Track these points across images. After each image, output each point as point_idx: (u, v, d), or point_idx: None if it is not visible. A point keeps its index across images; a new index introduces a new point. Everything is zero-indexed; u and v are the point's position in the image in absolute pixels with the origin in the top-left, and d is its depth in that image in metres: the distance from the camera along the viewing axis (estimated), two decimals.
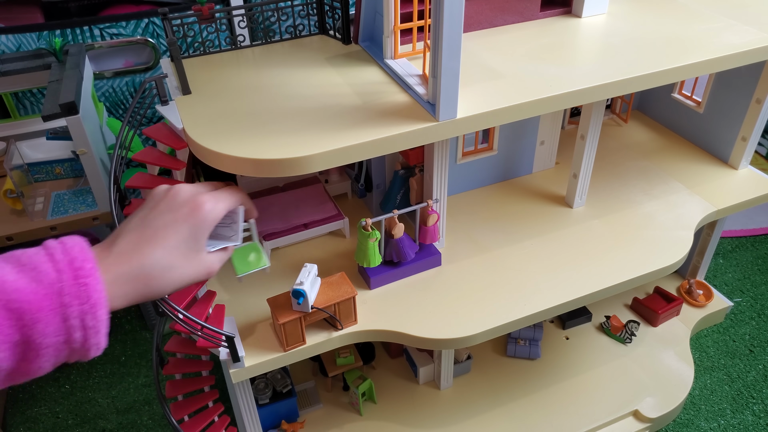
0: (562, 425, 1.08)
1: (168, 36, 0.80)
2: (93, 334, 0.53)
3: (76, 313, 0.52)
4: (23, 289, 0.50)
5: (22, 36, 1.30)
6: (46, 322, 0.51)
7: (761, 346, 1.32)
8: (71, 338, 0.52)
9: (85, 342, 0.53)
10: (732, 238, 1.60)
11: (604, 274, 0.92)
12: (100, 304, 0.53)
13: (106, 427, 1.21)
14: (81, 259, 0.53)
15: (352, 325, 0.84)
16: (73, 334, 0.52)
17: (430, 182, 0.88)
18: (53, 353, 0.52)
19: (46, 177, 1.25)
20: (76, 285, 0.52)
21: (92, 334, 0.53)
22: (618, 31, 0.93)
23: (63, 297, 0.51)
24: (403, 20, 0.82)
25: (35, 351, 0.51)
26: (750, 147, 1.11)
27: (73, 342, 0.52)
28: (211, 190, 0.68)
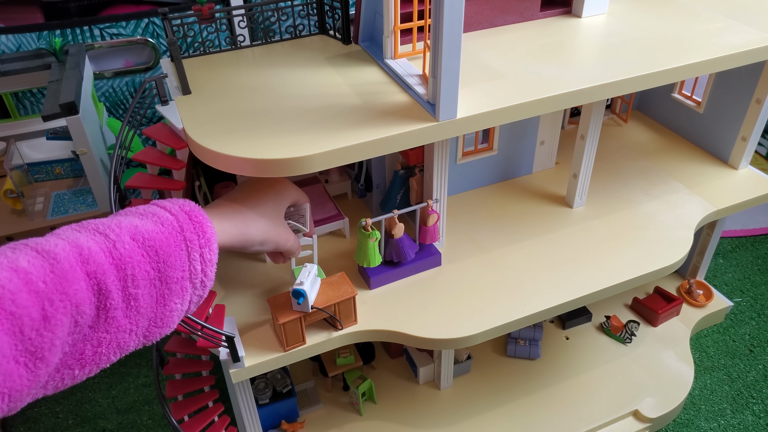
0: (562, 425, 1.08)
1: (168, 36, 0.80)
2: (210, 267, 0.62)
3: (197, 247, 0.61)
4: (152, 230, 0.58)
5: (22, 36, 1.30)
6: (175, 256, 0.59)
7: (761, 346, 1.32)
8: (193, 272, 0.60)
9: (204, 276, 0.62)
10: (732, 238, 1.60)
11: (604, 274, 0.92)
12: (214, 238, 0.62)
13: (106, 427, 1.21)
14: (188, 205, 0.63)
15: (352, 325, 0.84)
16: (195, 267, 0.60)
17: (430, 182, 0.88)
18: (180, 292, 0.60)
19: (46, 177, 1.25)
20: (191, 223, 0.61)
21: (209, 267, 0.62)
22: (618, 31, 0.93)
23: (184, 233, 0.60)
24: (403, 20, 0.82)
25: (168, 287, 0.58)
26: (750, 147, 1.11)
27: (195, 276, 0.61)
28: None
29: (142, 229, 0.57)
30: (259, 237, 0.73)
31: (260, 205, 0.74)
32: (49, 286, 0.49)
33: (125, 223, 0.57)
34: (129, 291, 0.54)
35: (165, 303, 0.58)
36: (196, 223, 0.61)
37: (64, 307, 0.49)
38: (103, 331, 0.54)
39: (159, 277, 0.57)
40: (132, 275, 0.55)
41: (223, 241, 0.67)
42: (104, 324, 0.53)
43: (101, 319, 0.53)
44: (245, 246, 0.71)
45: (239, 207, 0.72)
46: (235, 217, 0.70)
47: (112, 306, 0.53)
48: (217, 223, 0.66)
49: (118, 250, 0.54)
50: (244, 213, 0.72)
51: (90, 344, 0.53)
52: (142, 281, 0.56)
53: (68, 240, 0.53)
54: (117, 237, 0.55)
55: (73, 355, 0.52)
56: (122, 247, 0.55)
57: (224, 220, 0.68)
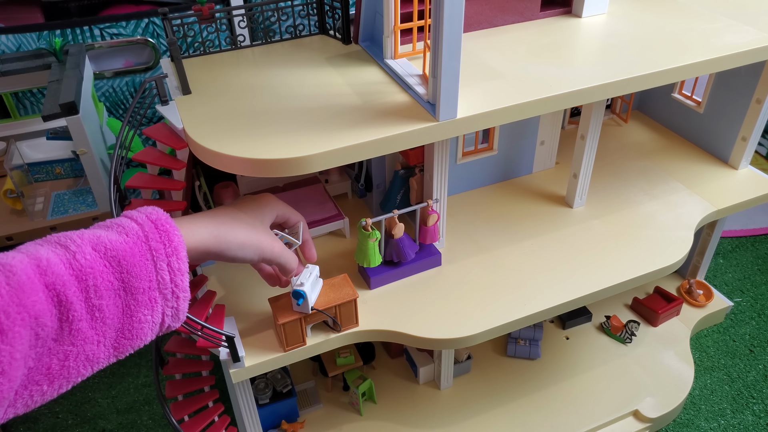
0: (562, 425, 1.08)
1: (168, 36, 0.80)
2: (179, 277, 0.60)
3: (163, 256, 0.59)
4: (115, 240, 0.57)
5: (22, 36, 1.30)
6: (139, 266, 0.57)
7: (761, 346, 1.32)
8: (162, 282, 0.59)
9: (174, 286, 0.60)
10: (732, 238, 1.60)
11: (604, 274, 0.92)
12: (181, 247, 0.61)
13: (106, 427, 1.21)
14: (156, 213, 0.61)
15: (354, 327, 0.84)
16: (163, 278, 0.59)
17: (430, 182, 0.88)
18: (149, 303, 0.58)
19: (46, 177, 1.25)
20: (157, 233, 0.60)
21: (179, 277, 0.60)
22: (618, 31, 0.93)
23: (149, 243, 0.59)
24: (403, 20, 0.82)
25: (134, 298, 0.57)
26: (750, 147, 1.11)
27: (164, 287, 0.59)
28: None
29: (105, 239, 0.56)
30: (236, 240, 0.69)
31: (239, 212, 0.72)
32: (5, 299, 0.48)
33: (88, 234, 0.57)
34: (92, 302, 0.54)
35: (132, 314, 0.57)
36: (162, 231, 0.60)
37: (22, 319, 0.49)
38: (69, 343, 0.53)
39: (123, 287, 0.56)
40: (94, 286, 0.54)
41: (195, 245, 0.65)
42: (69, 336, 0.53)
43: (65, 331, 0.52)
44: (222, 251, 0.68)
45: (214, 214, 0.70)
46: (208, 222, 0.68)
47: (75, 317, 0.53)
48: (187, 229, 0.64)
49: (78, 261, 0.54)
50: (220, 218, 0.69)
51: (56, 358, 0.52)
52: (106, 291, 0.55)
53: (27, 253, 0.52)
54: (77, 248, 0.54)
55: (40, 370, 0.52)
56: (82, 258, 0.54)
57: (196, 225, 0.66)
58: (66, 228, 1.14)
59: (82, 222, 1.15)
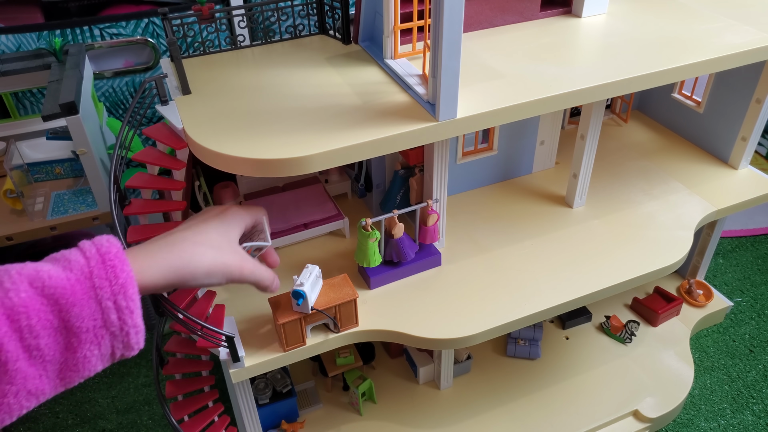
0: (562, 425, 1.08)
1: (168, 36, 0.80)
2: (128, 315, 0.55)
3: (108, 294, 0.54)
4: (56, 276, 0.53)
5: (22, 36, 1.30)
6: (81, 305, 0.53)
7: (761, 346, 1.32)
8: (108, 320, 0.54)
9: (122, 324, 0.55)
10: (732, 238, 1.60)
11: (604, 274, 0.92)
12: (129, 284, 0.55)
13: (106, 427, 1.21)
14: (107, 245, 0.56)
15: (353, 327, 0.84)
16: (109, 316, 0.54)
17: (430, 182, 0.88)
18: (94, 339, 0.54)
19: (46, 177, 1.25)
20: (104, 268, 0.55)
21: (127, 315, 0.55)
22: (618, 31, 0.93)
23: (93, 280, 0.54)
24: (403, 20, 0.82)
25: (76, 336, 0.53)
26: (750, 147, 1.11)
27: (111, 325, 0.55)
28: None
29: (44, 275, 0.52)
30: (200, 269, 0.64)
31: (201, 234, 0.67)
32: None
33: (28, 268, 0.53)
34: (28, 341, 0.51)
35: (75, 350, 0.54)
36: (109, 267, 0.55)
37: None
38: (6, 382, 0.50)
39: (64, 325, 0.53)
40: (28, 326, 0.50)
41: (152, 281, 0.60)
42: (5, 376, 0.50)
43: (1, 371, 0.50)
44: (185, 281, 0.64)
45: (175, 240, 0.65)
46: (167, 253, 0.63)
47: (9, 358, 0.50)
48: (142, 262, 0.60)
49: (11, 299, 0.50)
50: (180, 246, 0.64)
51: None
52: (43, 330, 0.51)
53: None
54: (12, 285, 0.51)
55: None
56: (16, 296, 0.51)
57: (152, 257, 0.61)
58: (66, 228, 1.15)
59: (82, 222, 1.15)
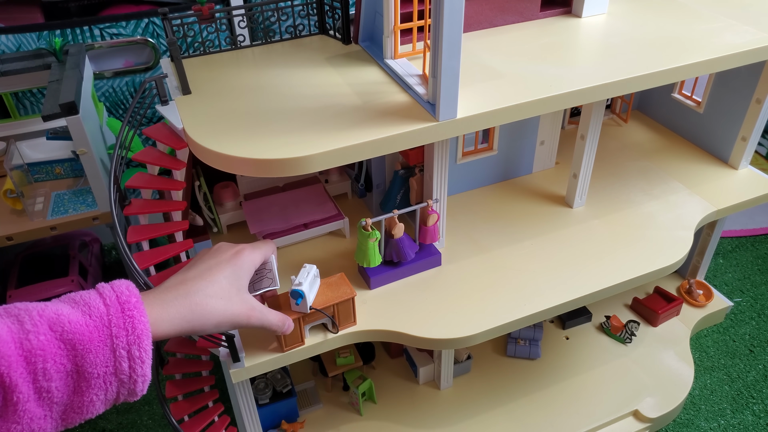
0: (562, 425, 1.08)
1: (168, 36, 0.80)
2: (139, 365, 0.57)
3: (124, 344, 0.56)
4: (76, 322, 0.54)
5: (22, 36, 1.30)
6: (96, 352, 0.54)
7: (761, 346, 1.32)
8: (119, 368, 0.56)
9: (132, 372, 0.57)
10: (732, 238, 1.60)
11: (604, 274, 0.92)
12: (145, 335, 0.57)
13: (106, 427, 1.21)
14: (127, 294, 0.57)
15: (351, 326, 0.84)
16: (121, 364, 0.56)
17: (430, 182, 0.88)
18: (103, 385, 0.55)
19: (46, 177, 1.25)
20: (122, 318, 0.56)
21: (138, 365, 0.57)
22: (618, 31, 0.93)
23: (111, 328, 0.55)
24: (403, 20, 0.82)
25: (86, 381, 0.54)
26: (750, 147, 1.11)
27: (122, 372, 0.56)
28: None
29: (65, 320, 0.54)
30: (211, 322, 0.66)
31: (213, 284, 0.67)
32: None
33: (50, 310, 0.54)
34: (40, 383, 0.52)
35: (83, 393, 0.55)
36: (128, 317, 0.56)
37: None
38: (13, 422, 0.51)
39: (77, 370, 0.54)
40: (43, 369, 0.51)
41: (165, 331, 0.61)
42: (13, 416, 0.51)
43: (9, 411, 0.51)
44: (194, 331, 0.65)
45: (188, 291, 0.65)
46: (180, 305, 0.63)
47: (20, 399, 0.51)
48: (157, 313, 0.61)
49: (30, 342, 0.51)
50: (193, 298, 0.64)
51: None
52: (56, 374, 0.52)
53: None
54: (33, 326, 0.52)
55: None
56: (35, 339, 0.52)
57: (166, 308, 0.62)
58: (66, 228, 1.14)
59: (82, 222, 1.15)
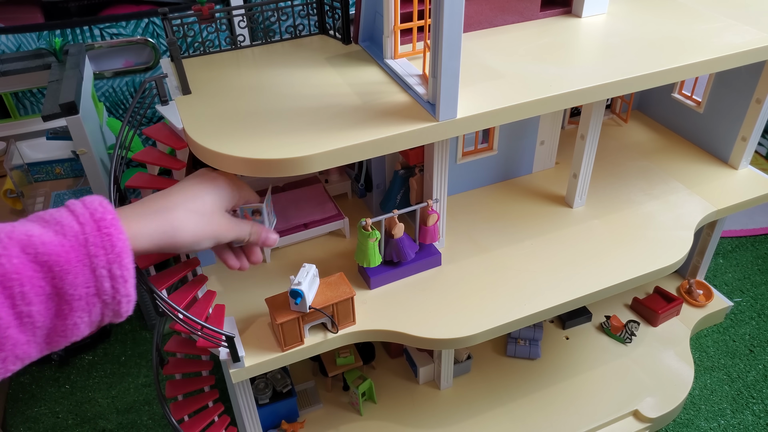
0: (562, 425, 1.08)
1: (168, 36, 0.80)
2: (122, 284, 0.55)
3: (103, 263, 0.53)
4: (50, 242, 0.51)
5: (22, 36, 1.30)
6: (75, 273, 0.52)
7: (761, 346, 1.32)
8: (101, 289, 0.54)
9: (116, 293, 0.55)
10: (732, 238, 1.60)
11: (604, 274, 0.92)
12: (125, 253, 0.54)
13: (106, 427, 1.21)
14: (101, 211, 0.55)
15: (351, 325, 0.84)
16: (103, 285, 0.53)
17: (430, 182, 0.88)
18: (86, 307, 0.53)
19: (46, 177, 1.25)
20: (99, 236, 0.54)
21: (121, 284, 0.55)
22: (618, 31, 0.93)
23: (89, 248, 0.53)
24: (403, 20, 0.82)
25: (68, 304, 0.52)
26: (750, 147, 1.11)
27: (104, 293, 0.54)
28: None
29: (37, 241, 0.51)
30: (188, 236, 0.65)
31: (196, 200, 0.67)
32: None
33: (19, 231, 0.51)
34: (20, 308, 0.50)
35: (66, 317, 0.53)
36: (105, 235, 0.54)
37: None
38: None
39: (56, 293, 0.52)
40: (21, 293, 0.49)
41: (143, 246, 0.60)
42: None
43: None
44: (173, 247, 0.64)
45: (166, 203, 0.64)
46: (158, 216, 0.62)
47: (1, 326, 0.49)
48: (135, 228, 0.59)
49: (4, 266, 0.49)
50: (171, 210, 0.64)
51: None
52: (35, 297, 0.50)
53: None
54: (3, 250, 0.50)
55: None
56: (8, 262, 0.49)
57: (143, 221, 0.61)
58: None
59: None
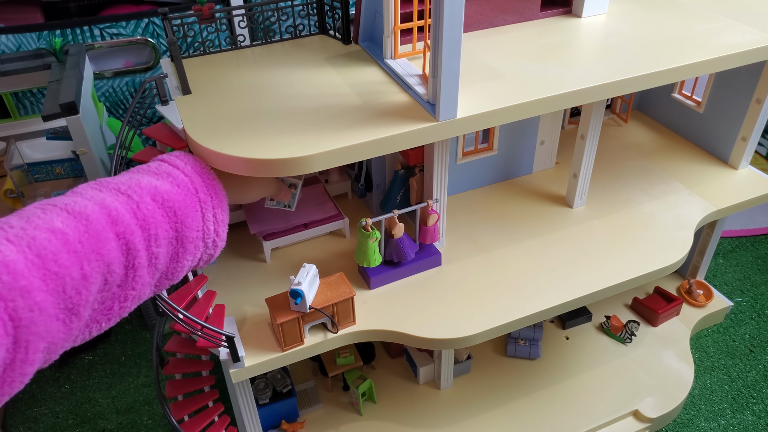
0: (562, 425, 1.08)
1: (168, 36, 0.80)
2: (222, 228, 0.66)
3: (210, 207, 0.65)
4: (171, 191, 0.61)
5: (22, 36, 1.30)
6: (192, 217, 0.62)
7: (761, 346, 1.32)
8: (207, 232, 0.65)
9: (216, 236, 0.66)
10: (732, 238, 1.60)
11: (604, 274, 0.92)
12: (225, 198, 0.66)
13: (106, 427, 1.21)
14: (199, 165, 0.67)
15: (351, 325, 0.84)
16: (209, 228, 0.65)
17: (430, 182, 0.88)
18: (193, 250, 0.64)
19: (46, 177, 1.25)
20: (205, 185, 0.65)
21: (221, 228, 0.66)
22: (618, 31, 0.93)
23: (198, 194, 0.64)
24: (403, 20, 0.82)
25: (183, 247, 0.62)
26: (750, 147, 1.11)
27: (207, 236, 0.65)
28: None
29: (162, 190, 0.60)
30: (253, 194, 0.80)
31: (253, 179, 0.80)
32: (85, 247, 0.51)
33: (144, 183, 0.60)
34: (152, 250, 0.58)
35: (178, 260, 0.62)
36: (209, 184, 0.65)
37: (99, 266, 0.52)
38: (130, 288, 0.57)
39: (176, 236, 0.61)
40: (155, 235, 0.58)
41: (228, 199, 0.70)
42: (131, 282, 0.57)
43: (129, 277, 0.56)
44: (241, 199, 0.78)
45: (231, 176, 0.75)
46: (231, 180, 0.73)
47: (139, 264, 0.56)
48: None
49: (142, 211, 0.57)
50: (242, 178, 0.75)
51: (117, 301, 0.56)
52: (163, 240, 0.59)
53: (94, 200, 0.55)
54: (140, 198, 0.58)
55: (102, 312, 0.55)
56: (145, 208, 0.57)
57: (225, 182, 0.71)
58: None
59: None
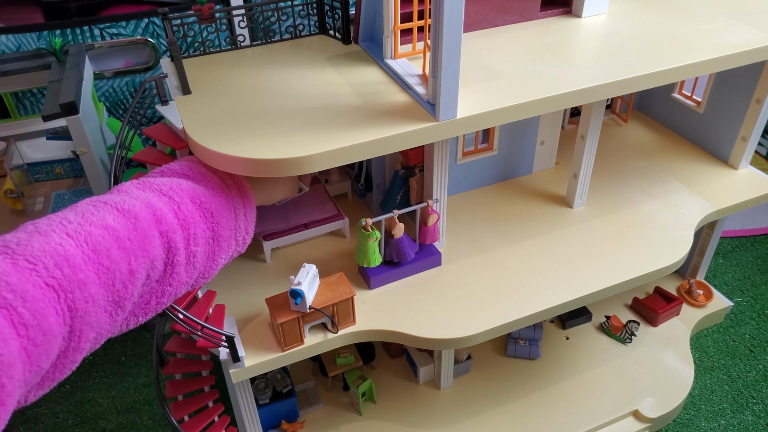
0: (562, 425, 1.08)
1: (168, 36, 0.80)
2: (251, 224, 0.72)
3: (241, 206, 0.70)
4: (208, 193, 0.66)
5: (22, 36, 1.30)
6: (227, 217, 0.67)
7: (761, 346, 1.32)
8: (238, 230, 0.69)
9: (246, 234, 0.71)
10: (732, 238, 1.60)
11: (604, 274, 0.92)
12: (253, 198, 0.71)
13: (106, 427, 1.21)
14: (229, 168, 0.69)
15: (351, 326, 0.84)
16: (240, 226, 0.70)
17: (430, 182, 0.88)
18: (227, 248, 0.68)
19: (46, 177, 1.25)
20: (236, 185, 0.70)
21: (251, 224, 0.72)
22: (618, 31, 0.93)
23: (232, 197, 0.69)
24: (403, 20, 0.82)
25: (219, 245, 0.66)
26: (750, 147, 1.11)
27: (239, 234, 0.70)
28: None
29: (200, 192, 0.65)
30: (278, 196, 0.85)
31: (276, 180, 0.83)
32: (133, 243, 0.54)
33: (184, 185, 0.64)
34: (191, 249, 0.61)
35: (214, 258, 0.66)
36: (240, 186, 0.70)
37: (144, 262, 0.55)
38: (168, 284, 0.60)
39: (213, 236, 0.65)
40: (194, 234, 0.62)
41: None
42: (169, 278, 0.60)
43: (167, 274, 0.60)
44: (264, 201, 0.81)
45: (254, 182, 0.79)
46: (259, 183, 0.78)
47: (178, 262, 0.60)
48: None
49: (182, 212, 0.61)
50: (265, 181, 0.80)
51: (155, 296, 0.60)
52: (201, 239, 0.63)
53: (141, 199, 0.58)
54: (180, 199, 0.62)
55: (141, 306, 0.58)
56: (185, 209, 0.61)
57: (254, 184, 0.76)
58: None
59: None
